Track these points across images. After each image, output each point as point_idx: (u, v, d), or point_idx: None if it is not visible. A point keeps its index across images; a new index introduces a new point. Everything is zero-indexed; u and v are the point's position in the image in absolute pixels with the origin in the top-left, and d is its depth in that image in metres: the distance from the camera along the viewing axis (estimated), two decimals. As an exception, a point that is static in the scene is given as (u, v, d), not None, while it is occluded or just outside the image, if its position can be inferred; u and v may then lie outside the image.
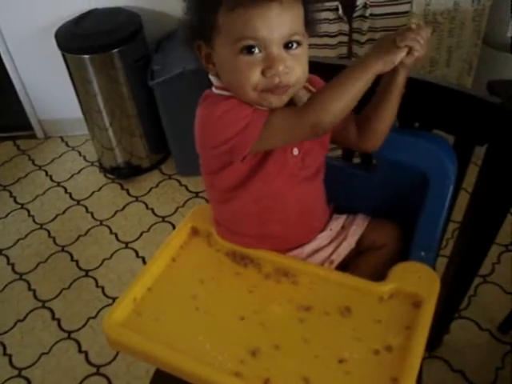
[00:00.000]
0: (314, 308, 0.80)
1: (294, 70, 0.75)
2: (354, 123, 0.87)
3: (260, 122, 0.74)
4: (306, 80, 0.80)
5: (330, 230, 0.94)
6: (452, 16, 1.61)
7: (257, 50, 0.73)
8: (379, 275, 0.83)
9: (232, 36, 0.72)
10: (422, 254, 0.89)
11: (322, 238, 0.92)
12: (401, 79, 0.78)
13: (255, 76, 0.74)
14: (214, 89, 0.81)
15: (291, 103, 0.80)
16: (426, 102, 0.90)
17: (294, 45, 0.74)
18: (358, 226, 0.94)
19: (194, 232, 0.96)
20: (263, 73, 0.73)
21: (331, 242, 0.93)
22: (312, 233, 0.92)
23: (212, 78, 0.82)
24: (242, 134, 0.75)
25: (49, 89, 2.35)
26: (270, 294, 0.84)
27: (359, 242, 0.93)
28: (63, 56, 1.99)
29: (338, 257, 0.91)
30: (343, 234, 0.94)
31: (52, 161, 2.39)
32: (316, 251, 0.91)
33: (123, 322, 0.81)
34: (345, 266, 0.91)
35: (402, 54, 0.72)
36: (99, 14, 2.06)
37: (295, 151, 0.83)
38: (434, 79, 0.91)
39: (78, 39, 1.95)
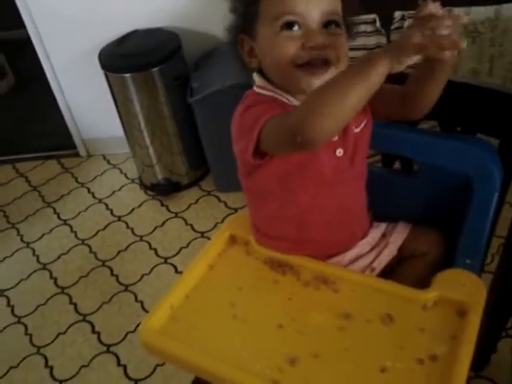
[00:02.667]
0: (354, 316, 0.78)
1: (334, 47, 0.73)
2: (399, 95, 0.82)
3: (262, 120, 0.71)
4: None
5: (371, 237, 0.91)
6: (493, 25, 1.57)
7: (296, 27, 0.73)
8: (422, 283, 0.81)
9: (272, 15, 0.73)
10: (468, 261, 0.85)
11: (363, 246, 0.90)
12: (445, 66, 0.71)
13: (293, 49, 0.73)
14: (255, 88, 0.81)
15: None
16: (468, 105, 0.88)
17: (333, 25, 0.74)
18: (400, 234, 0.92)
19: (232, 240, 0.95)
20: (302, 46, 0.73)
21: (372, 249, 0.91)
22: (353, 239, 0.90)
23: (255, 76, 0.82)
24: (249, 132, 0.73)
25: (92, 108, 2.42)
26: (309, 301, 0.82)
27: (401, 250, 0.90)
28: (106, 76, 2.05)
29: (380, 264, 0.89)
30: (384, 242, 0.91)
31: (94, 178, 2.44)
32: (356, 259, 0.89)
33: (160, 329, 0.81)
34: (387, 275, 0.89)
35: (415, 56, 0.61)
36: (140, 35, 2.12)
37: (339, 152, 0.81)
38: (475, 81, 0.88)
39: (120, 59, 2.01)
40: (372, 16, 1.58)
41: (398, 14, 1.58)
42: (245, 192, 0.90)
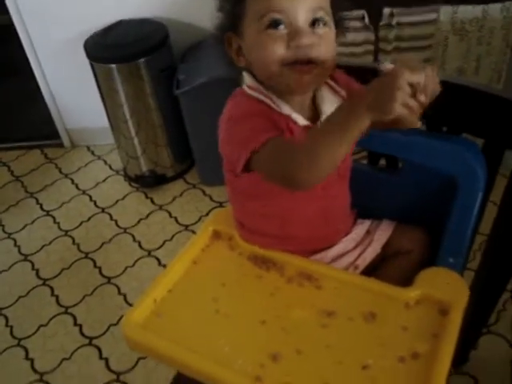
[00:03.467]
0: (337, 313, 0.78)
1: (320, 46, 0.73)
2: None
3: (257, 143, 0.71)
4: (330, 70, 0.77)
5: (355, 234, 0.92)
6: (481, 24, 1.58)
7: (282, 26, 0.72)
8: (405, 281, 0.81)
9: (258, 14, 0.73)
10: (451, 260, 0.86)
11: (347, 243, 0.90)
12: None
13: (280, 49, 0.72)
14: (246, 88, 0.80)
15: (314, 107, 0.79)
16: (453, 105, 0.88)
17: (321, 24, 0.73)
18: (384, 232, 0.92)
19: (216, 235, 0.95)
20: (288, 46, 0.72)
21: (356, 246, 0.91)
22: (336, 235, 0.90)
23: (245, 76, 0.81)
24: (242, 147, 0.73)
25: (76, 98, 2.39)
26: (293, 298, 0.82)
27: (385, 248, 0.91)
28: (91, 66, 2.02)
29: (364, 262, 0.89)
30: (368, 239, 0.92)
31: (78, 169, 2.41)
32: (340, 256, 0.89)
33: (142, 323, 0.80)
34: (370, 272, 0.89)
35: (403, 112, 0.60)
36: (127, 25, 2.09)
37: None
38: (462, 81, 0.89)
39: (105, 49, 1.98)
40: (361, 12, 1.58)
41: (386, 11, 1.58)
42: (229, 189, 0.89)
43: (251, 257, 0.88)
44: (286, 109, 0.77)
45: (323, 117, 0.79)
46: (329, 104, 0.79)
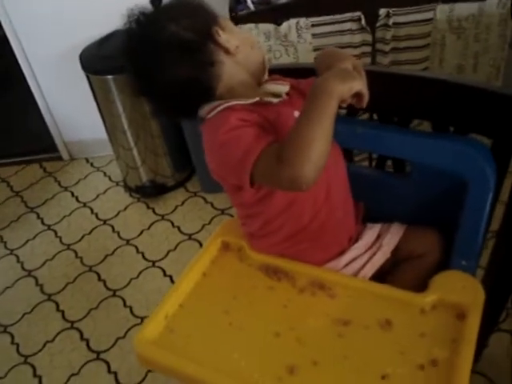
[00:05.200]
0: (352, 322, 0.77)
1: None
2: None
3: (253, 156, 0.72)
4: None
5: (365, 240, 0.91)
6: (477, 21, 1.57)
7: None
8: (420, 285, 0.80)
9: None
10: (463, 262, 0.85)
11: (357, 249, 0.89)
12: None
13: None
14: (223, 105, 0.80)
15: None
16: (459, 105, 0.87)
17: None
18: (393, 235, 0.91)
19: (225, 246, 0.94)
20: None
21: (365, 251, 0.90)
22: (347, 225, 0.90)
23: (211, 104, 0.82)
24: (239, 170, 0.74)
25: (73, 111, 2.38)
26: (306, 308, 0.81)
27: (398, 252, 0.89)
28: (87, 77, 2.01)
29: (372, 267, 0.88)
30: (378, 244, 0.91)
31: (78, 182, 2.40)
32: (350, 262, 0.88)
33: (155, 340, 0.79)
34: (383, 277, 0.88)
35: (361, 83, 0.72)
36: (122, 36, 2.07)
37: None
38: (465, 80, 0.88)
39: (101, 60, 1.97)
40: (357, 13, 1.57)
41: (382, 12, 1.57)
42: (235, 206, 0.89)
43: (262, 267, 0.87)
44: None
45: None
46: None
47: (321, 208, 0.84)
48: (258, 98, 0.80)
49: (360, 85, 0.71)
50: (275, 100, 0.82)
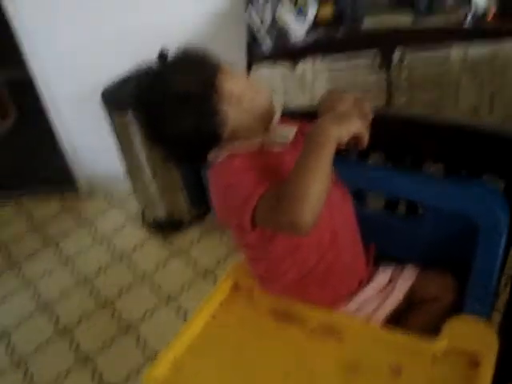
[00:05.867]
0: (361, 367, 0.76)
1: None
2: None
3: (252, 202, 0.73)
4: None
5: (377, 283, 0.90)
6: (492, 61, 1.58)
7: None
8: (433, 329, 0.79)
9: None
10: (477, 306, 0.83)
11: (368, 292, 0.88)
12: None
13: None
14: (230, 151, 0.82)
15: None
16: (472, 148, 0.87)
17: None
18: (406, 280, 0.90)
19: (235, 288, 0.94)
20: None
21: (377, 294, 0.89)
22: (356, 268, 0.90)
23: (216, 150, 0.84)
24: (242, 208, 0.75)
25: (93, 146, 2.42)
26: (315, 352, 0.80)
27: (411, 294, 0.88)
28: (108, 114, 2.06)
29: (384, 311, 0.87)
30: (390, 287, 0.90)
31: (96, 216, 2.43)
32: (362, 304, 0.87)
33: (163, 380, 0.79)
34: (396, 320, 0.86)
35: (359, 125, 0.71)
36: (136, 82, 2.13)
37: None
38: (478, 124, 0.88)
39: (121, 97, 2.01)
40: (373, 51, 1.59)
41: (398, 49, 1.59)
42: (241, 248, 0.89)
43: (272, 311, 0.87)
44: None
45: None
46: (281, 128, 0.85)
47: (327, 251, 0.84)
48: (259, 145, 0.82)
49: (357, 127, 0.71)
50: (276, 150, 0.83)
